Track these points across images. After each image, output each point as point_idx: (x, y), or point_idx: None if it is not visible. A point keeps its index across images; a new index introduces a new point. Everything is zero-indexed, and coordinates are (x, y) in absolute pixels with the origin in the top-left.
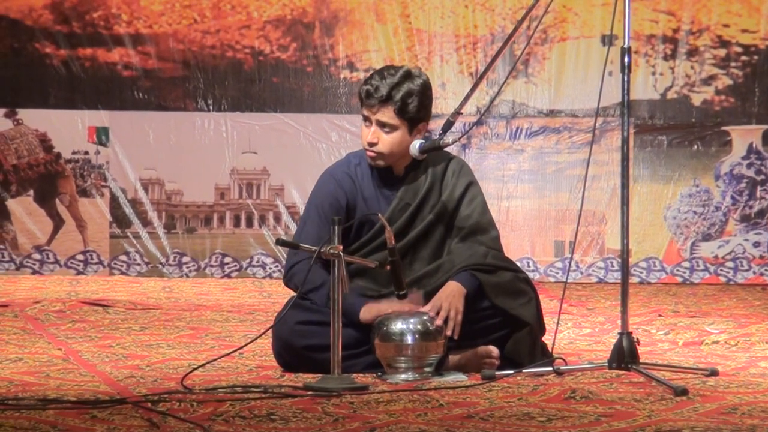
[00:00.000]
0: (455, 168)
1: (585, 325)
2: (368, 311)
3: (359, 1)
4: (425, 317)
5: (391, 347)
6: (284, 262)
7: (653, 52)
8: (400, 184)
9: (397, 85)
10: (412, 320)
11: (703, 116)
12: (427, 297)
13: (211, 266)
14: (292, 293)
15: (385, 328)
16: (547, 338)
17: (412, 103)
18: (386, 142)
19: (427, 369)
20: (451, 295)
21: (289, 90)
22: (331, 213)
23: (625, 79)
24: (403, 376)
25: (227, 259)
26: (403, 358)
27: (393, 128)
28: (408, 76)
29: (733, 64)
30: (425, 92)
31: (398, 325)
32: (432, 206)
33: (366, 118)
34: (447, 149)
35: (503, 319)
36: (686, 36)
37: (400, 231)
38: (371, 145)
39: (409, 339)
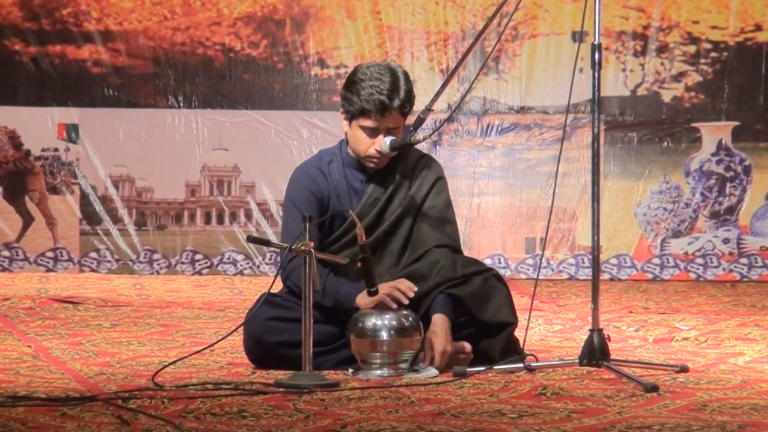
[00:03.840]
0: (425, 164)
1: (556, 322)
2: (364, 298)
3: None
4: (401, 313)
5: (366, 343)
6: (271, 258)
7: (623, 49)
8: (371, 179)
9: (404, 90)
10: (387, 316)
11: (673, 113)
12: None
13: (182, 263)
14: (263, 290)
15: (360, 325)
16: (518, 335)
17: (412, 101)
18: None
19: (402, 365)
20: (442, 337)
21: (260, 87)
22: (310, 208)
23: (596, 75)
24: (378, 372)
25: (198, 256)
26: (378, 354)
27: (397, 129)
28: (400, 75)
29: (702, 60)
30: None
31: (373, 321)
32: (401, 201)
33: (372, 129)
34: (418, 146)
35: (486, 327)
36: (656, 32)
37: (370, 226)
38: (380, 152)
39: (384, 335)
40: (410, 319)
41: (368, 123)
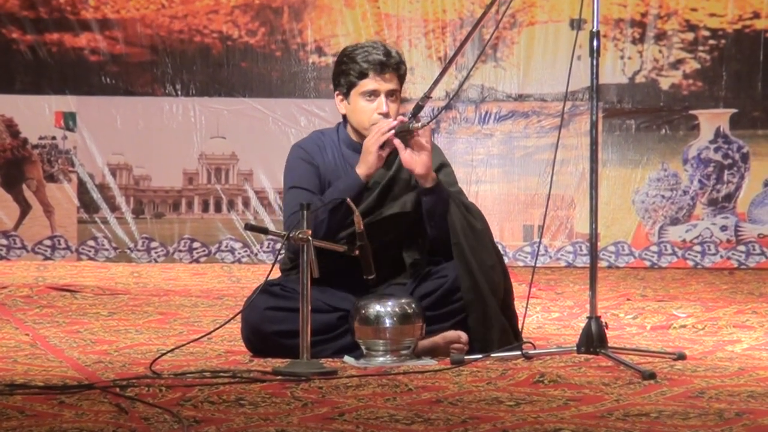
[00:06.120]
0: None
1: (553, 310)
2: (362, 165)
3: None
4: (403, 300)
5: (370, 330)
6: (283, 217)
7: (622, 36)
8: None
9: (396, 52)
10: (390, 303)
11: (671, 100)
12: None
13: (180, 251)
14: (261, 278)
15: (363, 312)
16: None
17: (405, 65)
18: (393, 110)
19: (405, 352)
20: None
21: (257, 75)
22: (310, 177)
23: (594, 63)
24: (381, 359)
25: (196, 244)
26: (381, 341)
27: (398, 94)
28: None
29: (700, 48)
30: None
31: (376, 309)
32: (402, 186)
33: (373, 91)
34: None
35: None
36: (654, 20)
37: (369, 211)
38: (386, 116)
39: (387, 322)
40: (413, 306)
41: (369, 85)
